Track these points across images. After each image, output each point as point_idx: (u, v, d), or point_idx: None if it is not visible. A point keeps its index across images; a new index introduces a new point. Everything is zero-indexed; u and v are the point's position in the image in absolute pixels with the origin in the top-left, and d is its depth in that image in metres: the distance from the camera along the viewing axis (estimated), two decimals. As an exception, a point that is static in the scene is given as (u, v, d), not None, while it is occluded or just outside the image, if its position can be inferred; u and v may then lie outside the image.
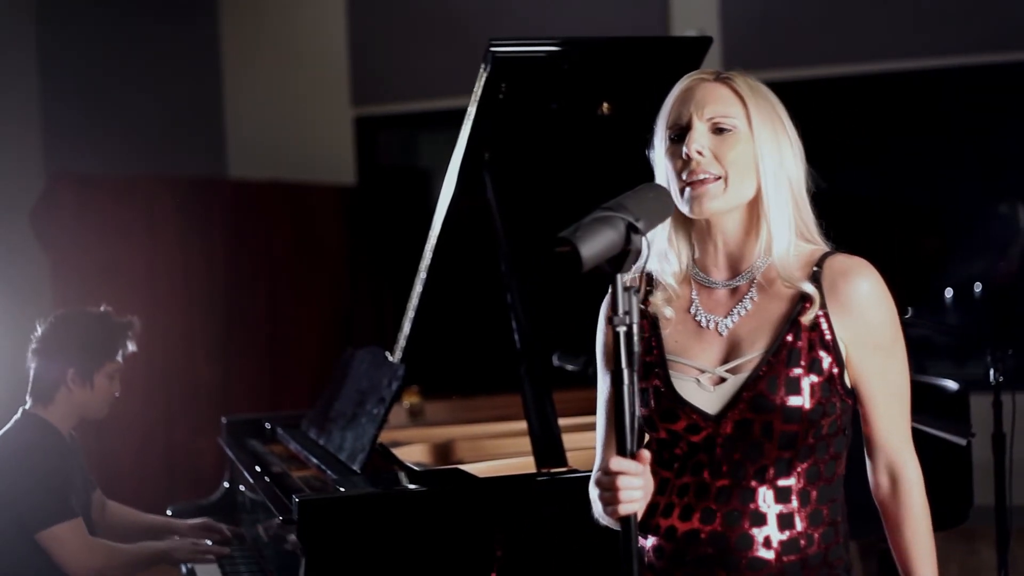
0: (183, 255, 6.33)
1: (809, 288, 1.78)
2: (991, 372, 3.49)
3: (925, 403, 1.90)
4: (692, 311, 1.86)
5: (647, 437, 1.92)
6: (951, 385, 3.60)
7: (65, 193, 5.96)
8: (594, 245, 1.57)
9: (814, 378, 1.76)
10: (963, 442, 3.30)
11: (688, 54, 3.00)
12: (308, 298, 6.77)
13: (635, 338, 1.59)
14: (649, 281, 1.90)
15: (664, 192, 1.77)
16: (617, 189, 1.71)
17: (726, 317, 1.83)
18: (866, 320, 1.78)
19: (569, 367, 3.84)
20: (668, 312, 1.86)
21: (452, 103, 4.33)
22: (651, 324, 1.87)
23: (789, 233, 1.81)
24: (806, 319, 1.78)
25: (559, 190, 3.08)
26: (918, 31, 6.43)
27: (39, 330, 3.12)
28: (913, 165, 6.77)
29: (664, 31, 6.62)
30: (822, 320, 1.78)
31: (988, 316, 6.68)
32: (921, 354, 6.06)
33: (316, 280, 6.83)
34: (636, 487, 1.62)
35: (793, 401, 1.74)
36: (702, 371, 1.82)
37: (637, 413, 1.62)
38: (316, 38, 7.39)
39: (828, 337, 1.77)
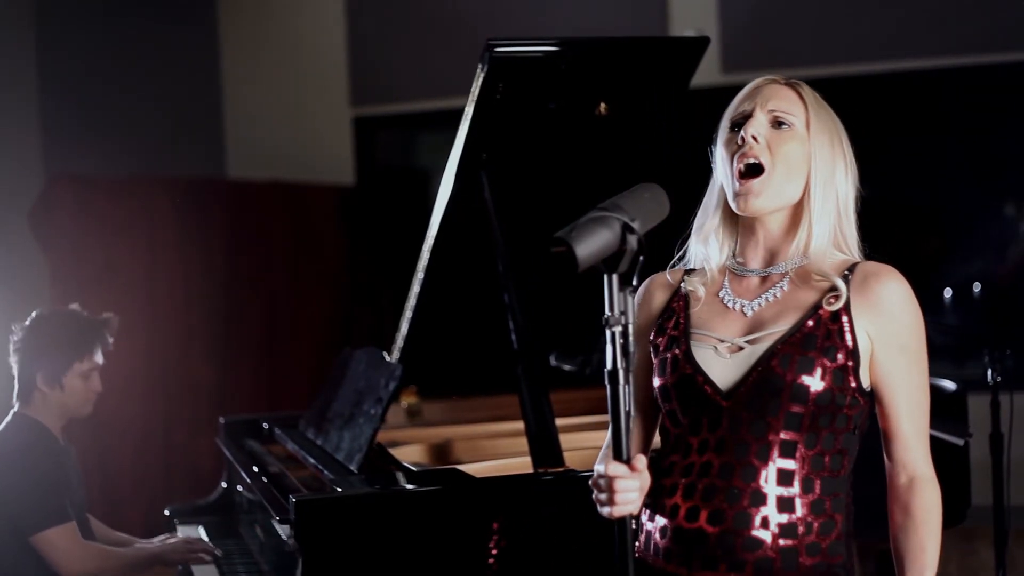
0: (182, 256, 6.32)
1: (837, 281, 1.84)
2: (989, 372, 3.49)
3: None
4: (721, 295, 1.94)
5: (656, 437, 1.97)
6: (949, 385, 3.61)
7: (64, 194, 5.96)
8: (589, 245, 1.57)
9: (827, 363, 1.79)
10: (960, 442, 3.31)
11: (685, 54, 3.01)
12: (307, 298, 6.77)
13: (630, 338, 1.59)
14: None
15: (660, 192, 1.77)
16: (614, 189, 1.71)
17: (753, 301, 1.90)
18: (893, 319, 1.83)
19: (566, 367, 3.84)
20: (701, 291, 1.95)
21: (451, 103, 4.33)
22: (685, 303, 1.95)
23: (827, 240, 1.88)
24: (829, 309, 1.83)
25: (556, 190, 3.08)
26: (917, 31, 6.42)
27: (15, 332, 3.11)
28: (913, 165, 6.77)
29: (662, 31, 6.62)
30: (843, 315, 1.82)
31: (987, 316, 6.68)
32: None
33: (315, 280, 6.83)
34: (632, 489, 1.65)
35: (802, 381, 1.78)
36: (721, 340, 1.87)
37: (632, 413, 1.62)
38: (315, 38, 7.39)
39: (847, 333, 1.81)
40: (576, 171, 3.16)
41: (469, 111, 2.91)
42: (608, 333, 1.60)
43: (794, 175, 1.87)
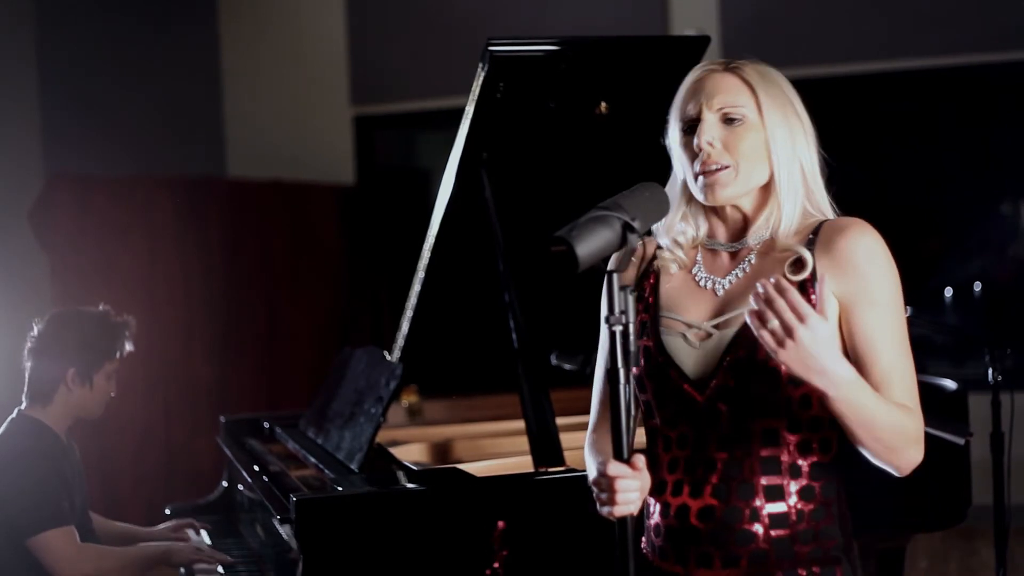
0: (181, 255, 6.33)
1: (803, 251, 1.78)
2: (990, 372, 3.49)
3: (923, 403, 1.87)
4: (694, 271, 1.89)
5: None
6: (949, 385, 3.61)
7: (64, 193, 5.96)
8: (590, 244, 1.58)
9: None
10: (961, 442, 3.31)
11: (686, 53, 3.00)
12: (306, 298, 6.77)
13: (631, 337, 1.59)
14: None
15: (660, 191, 1.77)
16: (614, 188, 1.71)
17: (724, 278, 1.86)
18: (858, 274, 1.76)
19: (567, 366, 3.84)
20: (673, 268, 1.90)
21: (451, 103, 4.33)
22: (654, 280, 1.91)
23: (797, 214, 1.83)
24: (794, 279, 1.77)
25: (557, 189, 3.08)
26: (917, 31, 6.43)
27: (35, 330, 3.11)
28: (913, 165, 6.78)
29: (663, 30, 6.63)
30: (810, 286, 1.77)
31: (987, 316, 6.68)
32: (920, 354, 6.06)
33: (314, 280, 6.84)
34: (632, 489, 1.64)
35: (773, 364, 1.73)
36: (690, 326, 1.84)
37: (633, 413, 1.62)
38: (315, 38, 7.39)
39: (814, 302, 1.74)
40: (576, 170, 3.16)
41: (469, 110, 2.92)
42: (609, 332, 1.60)
43: (758, 163, 1.82)
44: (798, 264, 1.79)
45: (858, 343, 1.77)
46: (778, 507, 1.77)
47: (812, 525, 1.78)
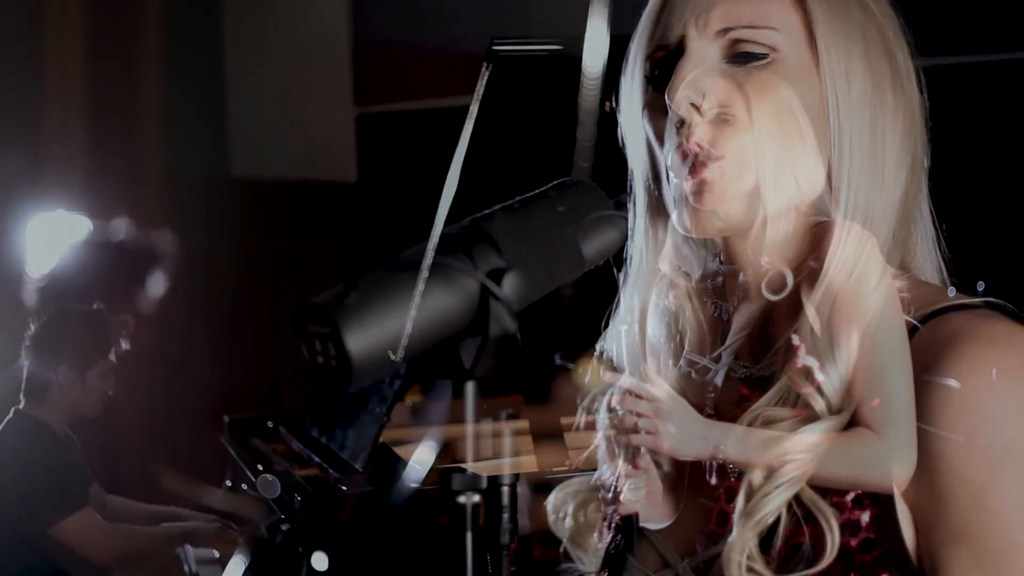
0: (184, 254, 6.33)
1: (781, 266, 1.55)
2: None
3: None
4: (706, 300, 1.75)
5: None
6: (953, 384, 3.60)
7: (67, 192, 5.96)
8: (595, 244, 1.57)
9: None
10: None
11: (690, 53, 3.00)
12: (309, 297, 6.76)
13: (635, 337, 1.59)
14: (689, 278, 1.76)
15: (665, 191, 1.75)
16: (618, 188, 1.70)
17: (729, 301, 1.68)
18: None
19: (571, 366, 3.84)
20: (687, 306, 1.74)
21: (455, 102, 4.33)
22: (678, 322, 1.80)
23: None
24: (774, 298, 1.53)
25: (561, 189, 3.08)
26: (918, 31, 6.42)
27: (32, 328, 3.11)
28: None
29: (666, 30, 6.62)
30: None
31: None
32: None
33: (318, 279, 6.83)
34: (635, 488, 1.61)
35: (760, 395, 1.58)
36: (693, 363, 1.74)
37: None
38: (319, 36, 7.39)
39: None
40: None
41: (474, 110, 2.91)
42: (614, 331, 1.60)
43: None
44: (778, 282, 1.55)
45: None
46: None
47: (844, 541, 1.53)
